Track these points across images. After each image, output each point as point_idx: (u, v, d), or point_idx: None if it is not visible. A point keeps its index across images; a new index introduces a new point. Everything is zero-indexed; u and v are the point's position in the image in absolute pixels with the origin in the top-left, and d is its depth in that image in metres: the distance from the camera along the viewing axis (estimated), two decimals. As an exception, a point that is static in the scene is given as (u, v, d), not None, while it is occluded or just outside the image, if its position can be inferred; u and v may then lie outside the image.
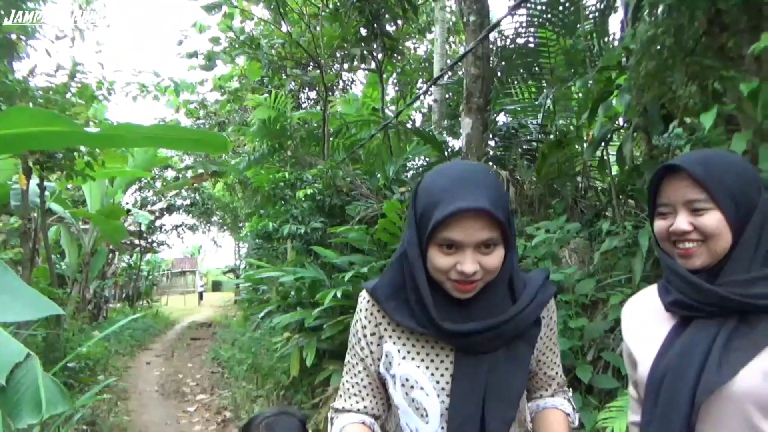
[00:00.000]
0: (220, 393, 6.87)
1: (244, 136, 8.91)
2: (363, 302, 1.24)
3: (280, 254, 8.19)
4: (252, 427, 1.50)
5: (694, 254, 1.09)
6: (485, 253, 1.05)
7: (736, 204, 1.07)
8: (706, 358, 1.02)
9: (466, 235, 1.03)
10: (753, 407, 0.98)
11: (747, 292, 1.04)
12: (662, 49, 2.78)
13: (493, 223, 1.04)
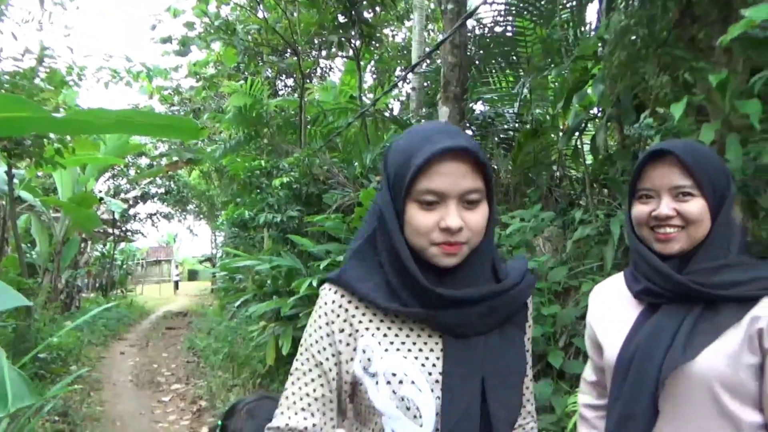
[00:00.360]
0: (196, 382, 6.82)
1: (220, 124, 8.77)
2: (327, 295, 1.03)
3: (257, 243, 8.13)
4: (234, 413, 1.49)
5: (674, 239, 1.13)
6: (469, 208, 0.95)
7: (715, 193, 1.11)
8: (673, 340, 1.07)
9: (448, 183, 0.93)
10: (716, 385, 1.03)
11: (711, 281, 1.08)
12: (635, 39, 2.81)
13: (477, 172, 0.94)
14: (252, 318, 5.65)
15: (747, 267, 1.10)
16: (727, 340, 1.05)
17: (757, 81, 2.00)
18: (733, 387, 1.04)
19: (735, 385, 1.03)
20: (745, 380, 1.03)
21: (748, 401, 1.04)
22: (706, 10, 2.75)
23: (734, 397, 1.04)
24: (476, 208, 0.95)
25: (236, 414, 1.48)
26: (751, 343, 1.04)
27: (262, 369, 5.34)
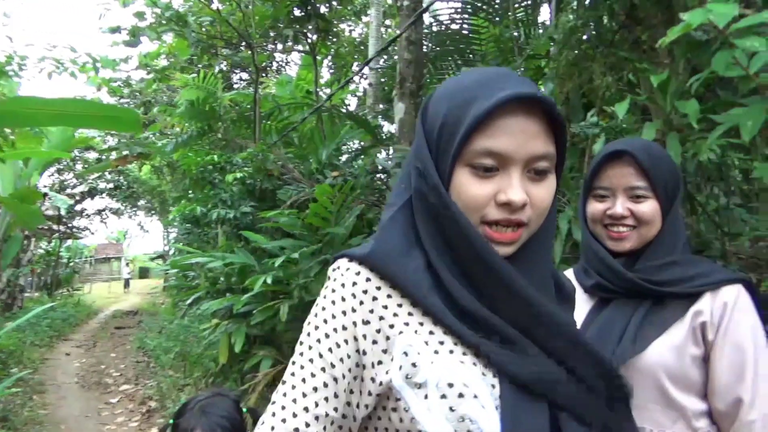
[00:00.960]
0: (146, 383, 6.66)
1: (171, 117, 8.54)
2: (346, 276, 0.76)
3: (210, 239, 7.97)
4: (186, 411, 1.46)
5: (626, 238, 1.17)
6: (535, 180, 0.74)
7: (667, 194, 1.16)
8: (623, 333, 1.12)
9: (515, 144, 0.71)
10: (663, 376, 1.09)
11: (658, 278, 1.14)
12: (583, 39, 2.88)
13: (550, 133, 0.73)
14: (205, 316, 5.55)
15: (690, 264, 1.16)
16: (673, 334, 1.11)
17: (694, 82, 2.08)
18: (678, 377, 1.09)
19: (680, 376, 1.09)
20: (689, 371, 1.09)
21: (693, 391, 1.10)
22: (650, 12, 2.85)
23: (679, 387, 1.09)
24: (543, 181, 0.74)
25: (188, 412, 1.45)
26: (694, 336, 1.10)
27: (214, 368, 5.25)
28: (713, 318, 1.10)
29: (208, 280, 5.48)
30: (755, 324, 1.11)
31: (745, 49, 1.78)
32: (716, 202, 3.26)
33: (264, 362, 4.45)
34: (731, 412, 1.07)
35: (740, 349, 1.08)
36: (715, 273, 1.14)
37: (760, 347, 1.09)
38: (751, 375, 1.06)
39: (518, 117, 0.71)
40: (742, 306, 1.11)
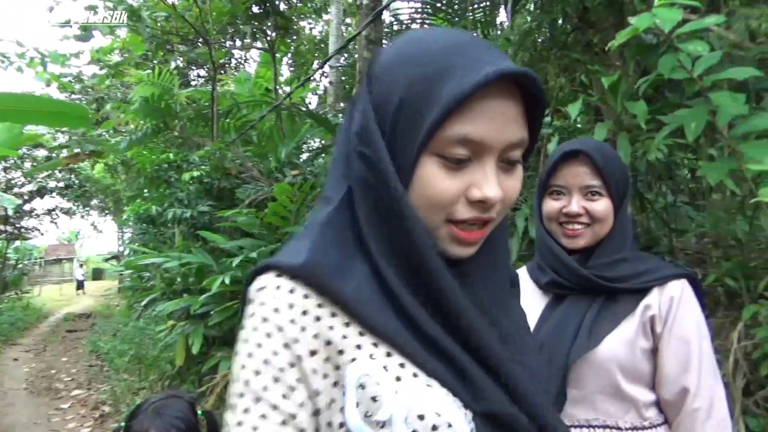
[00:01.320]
0: (99, 387, 6.46)
1: (125, 114, 8.31)
2: (279, 297, 0.60)
3: (167, 240, 7.79)
4: (139, 413, 1.43)
5: (580, 236, 1.20)
6: (507, 170, 0.63)
7: (618, 192, 1.20)
8: (578, 329, 1.14)
9: (494, 129, 0.59)
10: (616, 369, 1.12)
11: (609, 275, 1.18)
12: (537, 41, 2.95)
13: (525, 115, 0.63)
14: (161, 317, 5.42)
15: (639, 261, 1.21)
16: (624, 328, 1.15)
17: (642, 83, 2.15)
18: (629, 370, 1.13)
19: (631, 368, 1.13)
20: (640, 363, 1.13)
21: (642, 382, 1.14)
22: (601, 16, 2.94)
23: (630, 379, 1.13)
24: (515, 171, 0.64)
25: (141, 413, 1.42)
26: (644, 330, 1.14)
27: (171, 370, 5.14)
28: (661, 311, 1.14)
29: (164, 280, 5.36)
30: (699, 317, 1.16)
31: (690, 53, 1.86)
32: (664, 200, 3.39)
33: (223, 363, 4.37)
34: (677, 401, 1.11)
35: (685, 341, 1.13)
36: (662, 269, 1.19)
37: (704, 339, 1.14)
38: (696, 366, 1.11)
39: (500, 98, 0.59)
40: (687, 299, 1.16)
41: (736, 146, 1.95)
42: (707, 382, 1.11)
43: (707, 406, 1.09)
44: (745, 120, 1.93)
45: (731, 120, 2.08)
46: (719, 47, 2.18)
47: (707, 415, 1.09)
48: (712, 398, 1.10)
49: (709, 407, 1.09)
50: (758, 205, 2.39)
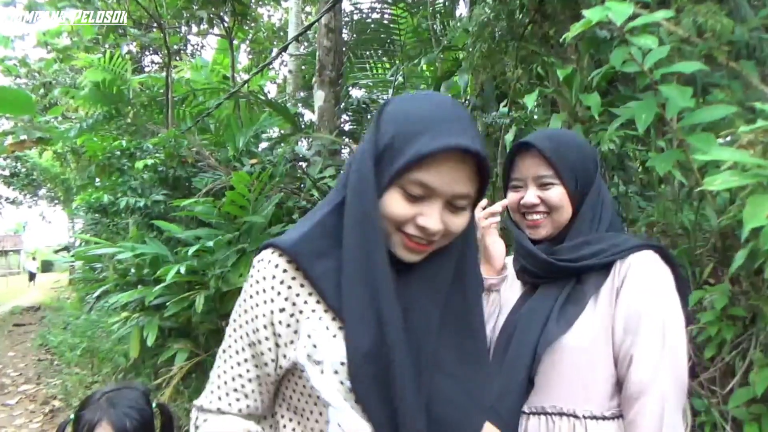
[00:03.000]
0: (49, 382, 6.25)
1: (74, 100, 8.00)
2: (268, 267, 0.91)
3: (121, 230, 7.56)
4: (91, 403, 1.38)
5: (540, 225, 1.22)
6: (454, 212, 0.87)
7: (577, 179, 1.20)
8: (549, 315, 1.15)
9: (444, 182, 0.83)
10: (583, 355, 1.12)
11: (571, 256, 1.18)
12: (495, 32, 2.98)
13: (476, 177, 0.86)
14: (115, 310, 5.28)
15: (604, 239, 1.18)
16: (592, 312, 1.14)
17: (596, 76, 2.20)
18: (597, 353, 1.12)
19: (599, 352, 1.12)
20: (607, 345, 1.12)
21: (608, 368, 1.13)
22: (557, 9, 2.99)
23: (595, 361, 1.12)
24: (461, 214, 0.88)
25: (93, 404, 1.38)
26: (610, 306, 1.13)
27: (125, 363, 5.01)
28: (620, 284, 1.13)
29: (118, 272, 5.21)
30: (662, 289, 1.11)
31: (641, 47, 1.91)
32: (617, 191, 3.49)
33: (179, 355, 4.30)
34: (625, 379, 1.09)
35: (636, 312, 1.09)
36: (627, 242, 1.17)
37: (665, 313, 1.08)
38: (646, 339, 1.07)
39: (453, 161, 0.83)
40: (643, 270, 1.12)
41: (683, 138, 2.02)
42: (655, 365, 1.05)
43: (646, 391, 1.05)
44: (692, 113, 2.00)
45: (679, 113, 2.16)
46: (668, 42, 2.25)
47: (641, 397, 1.05)
48: (652, 386, 1.04)
49: (648, 393, 1.05)
50: (704, 195, 2.49)
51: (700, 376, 2.50)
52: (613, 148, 2.68)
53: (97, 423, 1.33)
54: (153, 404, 1.44)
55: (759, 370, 2.11)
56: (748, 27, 2.48)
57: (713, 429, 2.34)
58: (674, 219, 2.99)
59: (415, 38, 6.14)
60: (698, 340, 2.47)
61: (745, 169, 1.46)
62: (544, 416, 1.15)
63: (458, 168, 0.83)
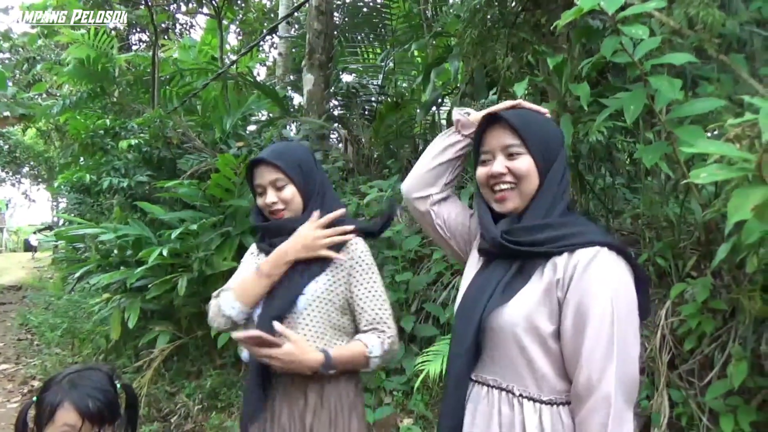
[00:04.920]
0: (28, 362, 6.18)
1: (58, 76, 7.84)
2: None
3: (105, 210, 7.46)
4: (53, 384, 1.35)
5: (508, 198, 1.22)
6: (279, 188, 1.59)
7: (543, 152, 1.21)
8: (496, 287, 1.17)
9: (262, 178, 1.61)
10: (520, 328, 1.13)
11: (525, 239, 1.18)
12: (487, 19, 2.94)
13: (275, 168, 1.58)
14: (97, 291, 5.21)
15: (564, 226, 1.18)
16: (531, 290, 1.15)
17: (585, 65, 2.18)
18: (533, 331, 1.12)
19: (535, 330, 1.12)
20: (543, 326, 1.12)
21: (547, 351, 1.13)
22: (549, -4, 2.96)
23: (534, 339, 1.13)
24: (284, 189, 1.63)
25: (55, 385, 1.34)
26: (549, 293, 1.13)
27: (106, 345, 4.96)
28: (564, 277, 1.12)
29: (100, 252, 5.14)
30: (614, 291, 1.09)
31: (632, 37, 1.89)
32: (603, 182, 3.49)
33: (161, 338, 4.26)
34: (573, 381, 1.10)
35: (582, 314, 1.08)
36: (581, 236, 1.15)
37: (615, 316, 1.07)
38: (591, 343, 1.06)
39: (261, 165, 1.65)
40: (595, 269, 1.10)
41: (671, 130, 2.02)
42: (601, 365, 1.05)
43: (592, 392, 1.05)
44: (680, 105, 1.99)
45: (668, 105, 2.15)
46: (660, 33, 2.23)
47: (588, 398, 1.06)
48: (598, 388, 1.05)
49: (594, 393, 1.05)
50: (689, 189, 2.49)
51: (679, 368, 2.52)
52: (601, 139, 2.67)
53: (59, 404, 1.29)
54: (117, 385, 1.41)
55: (736, 363, 2.13)
56: (739, 20, 2.47)
57: (690, 420, 2.37)
58: (659, 211, 3.00)
59: (406, 23, 6.08)
60: (679, 332, 2.49)
61: (731, 163, 1.45)
62: (486, 387, 1.20)
63: (264, 168, 1.66)
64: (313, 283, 1.55)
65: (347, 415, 1.57)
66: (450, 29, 4.55)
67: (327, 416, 1.54)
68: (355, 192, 4.25)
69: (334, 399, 1.56)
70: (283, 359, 1.41)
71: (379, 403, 3.26)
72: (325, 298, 1.55)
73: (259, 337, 1.40)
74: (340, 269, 1.57)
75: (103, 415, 1.33)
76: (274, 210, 1.60)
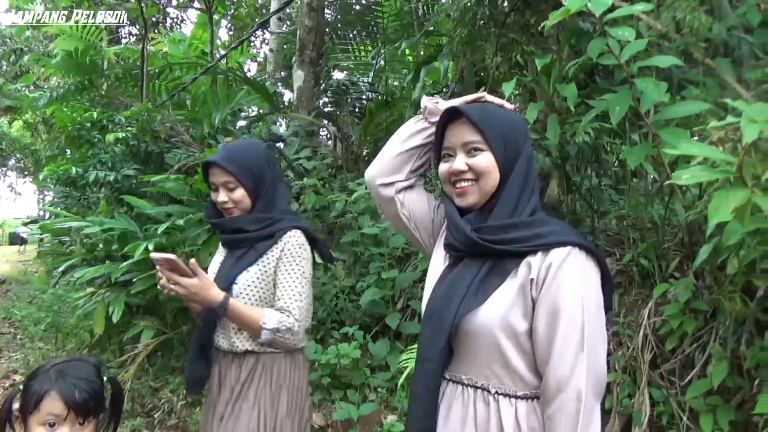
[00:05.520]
0: (11, 356, 6.12)
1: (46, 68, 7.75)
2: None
3: (92, 204, 7.39)
4: (40, 373, 1.33)
5: (468, 192, 1.22)
6: (230, 190, 1.74)
7: (505, 147, 1.20)
8: (469, 288, 1.16)
9: (215, 178, 1.76)
10: (496, 329, 1.13)
11: (496, 238, 1.18)
12: (477, 18, 2.95)
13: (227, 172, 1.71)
14: (82, 285, 5.16)
15: (533, 225, 1.18)
16: (506, 289, 1.15)
17: (573, 66, 2.19)
18: (509, 330, 1.13)
19: (510, 329, 1.13)
20: (518, 326, 1.13)
21: (522, 348, 1.14)
22: (538, -3, 2.98)
23: (509, 338, 1.14)
24: (234, 190, 1.77)
25: (42, 374, 1.33)
26: (524, 292, 1.14)
27: (90, 339, 4.92)
28: (539, 277, 1.13)
29: (85, 246, 5.09)
30: (585, 291, 1.11)
31: (619, 39, 1.91)
32: (590, 183, 3.52)
33: (145, 333, 4.23)
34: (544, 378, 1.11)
35: (553, 313, 1.10)
36: (554, 235, 1.16)
37: (584, 316, 1.09)
38: (560, 342, 1.08)
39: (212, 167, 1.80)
40: (567, 269, 1.11)
41: (657, 132, 2.04)
42: (572, 362, 1.07)
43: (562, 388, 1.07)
44: (666, 107, 2.01)
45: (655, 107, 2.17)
46: (647, 36, 2.25)
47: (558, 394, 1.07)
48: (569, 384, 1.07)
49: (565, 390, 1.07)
50: (674, 190, 2.52)
51: (660, 367, 2.55)
52: (588, 140, 2.69)
53: (46, 393, 1.28)
54: (104, 378, 1.40)
55: (717, 362, 2.16)
56: (726, 25, 2.49)
57: (671, 419, 2.40)
58: (644, 213, 3.03)
59: (397, 21, 6.08)
60: (661, 332, 2.52)
61: (714, 165, 1.47)
62: (461, 385, 1.21)
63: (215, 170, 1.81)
64: (245, 273, 1.74)
65: (280, 391, 1.71)
66: (441, 28, 4.56)
67: (260, 390, 1.69)
68: (344, 189, 4.25)
69: (269, 374, 1.71)
70: (189, 288, 1.60)
71: (363, 399, 3.27)
72: (257, 286, 1.73)
73: (174, 261, 1.56)
74: (271, 258, 1.75)
75: (88, 407, 1.32)
76: (225, 208, 1.77)
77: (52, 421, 1.28)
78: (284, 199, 1.85)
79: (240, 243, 1.78)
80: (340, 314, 3.65)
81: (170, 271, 1.60)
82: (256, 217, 1.76)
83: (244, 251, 1.76)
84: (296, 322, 1.67)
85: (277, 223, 1.76)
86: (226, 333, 1.76)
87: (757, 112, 1.29)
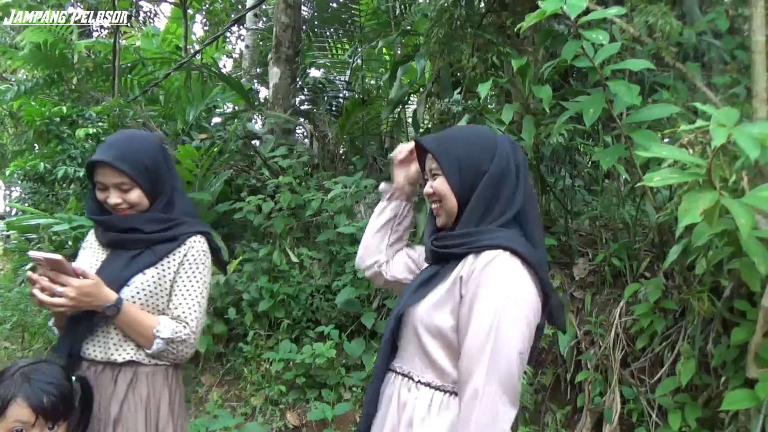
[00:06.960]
0: (-25, 357, 5.94)
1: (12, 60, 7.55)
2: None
3: (61, 200, 7.22)
4: (5, 378, 1.28)
5: (439, 213, 1.33)
6: (125, 191, 1.53)
7: (460, 170, 1.27)
8: (417, 288, 1.28)
9: (105, 178, 1.51)
10: (421, 326, 1.22)
11: (442, 243, 1.29)
12: (453, 19, 2.96)
13: (119, 172, 1.49)
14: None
15: (482, 233, 1.23)
16: (440, 288, 1.23)
17: (547, 68, 2.22)
18: (432, 326, 1.21)
19: (433, 325, 1.21)
20: (443, 321, 1.20)
21: (447, 343, 1.20)
22: (514, -1, 3.00)
23: (430, 333, 1.21)
24: (129, 191, 1.56)
25: (7, 379, 1.28)
26: (453, 289, 1.21)
27: (57, 338, 4.80)
28: (466, 276, 1.19)
29: (54, 243, 4.98)
30: (496, 291, 1.14)
31: (593, 42, 1.93)
32: (563, 183, 3.56)
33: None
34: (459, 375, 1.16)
35: (470, 312, 1.15)
36: (493, 240, 1.20)
37: (489, 315, 1.12)
38: (473, 341, 1.12)
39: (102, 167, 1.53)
40: (491, 272, 1.15)
41: (629, 134, 2.07)
42: (474, 361, 1.11)
43: (464, 386, 1.12)
44: (638, 110, 2.05)
45: (627, 110, 2.20)
46: (621, 39, 2.29)
47: (463, 391, 1.13)
48: (469, 381, 1.11)
49: (466, 387, 1.11)
50: (645, 192, 2.57)
51: (631, 366, 2.59)
52: (562, 141, 2.72)
53: (12, 399, 1.24)
54: (73, 378, 1.36)
55: (685, 361, 2.20)
56: (696, 30, 2.55)
57: (640, 416, 2.44)
58: (616, 214, 3.08)
59: (374, 20, 6.07)
60: (632, 330, 2.56)
61: (684, 168, 1.50)
62: (395, 374, 1.31)
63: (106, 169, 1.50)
64: (141, 275, 1.54)
65: (157, 407, 1.56)
66: (418, 28, 4.57)
67: (134, 406, 1.52)
68: (320, 187, 4.23)
69: (145, 389, 1.54)
70: (81, 289, 1.40)
71: (338, 399, 3.25)
72: (152, 291, 1.55)
73: (59, 262, 1.38)
74: (171, 263, 1.59)
75: (57, 411, 1.28)
76: (119, 210, 1.57)
77: (19, 428, 1.24)
78: (184, 198, 1.71)
79: (133, 243, 1.59)
80: (316, 313, 3.63)
81: (56, 271, 1.40)
82: (155, 217, 1.60)
83: (138, 252, 1.58)
84: (192, 334, 1.55)
85: (180, 225, 1.62)
86: (104, 341, 1.53)
87: (725, 117, 1.31)
